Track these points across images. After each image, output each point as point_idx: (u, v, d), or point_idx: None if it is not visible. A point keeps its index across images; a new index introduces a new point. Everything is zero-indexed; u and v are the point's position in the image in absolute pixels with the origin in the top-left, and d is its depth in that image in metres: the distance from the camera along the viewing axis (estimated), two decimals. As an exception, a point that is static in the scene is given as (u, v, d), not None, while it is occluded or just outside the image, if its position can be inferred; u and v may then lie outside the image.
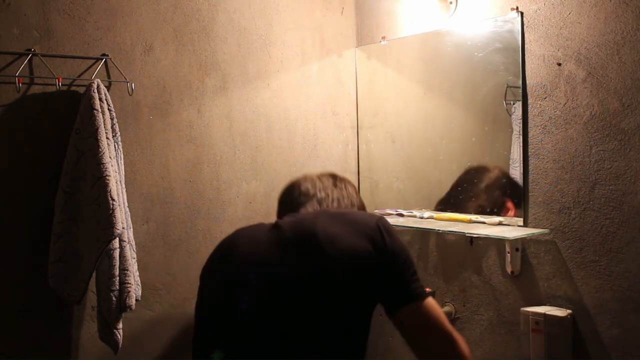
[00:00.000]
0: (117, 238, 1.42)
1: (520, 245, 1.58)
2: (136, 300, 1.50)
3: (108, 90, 1.53)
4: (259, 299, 1.08)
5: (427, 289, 1.63)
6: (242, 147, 1.79)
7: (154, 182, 1.64)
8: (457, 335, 1.09)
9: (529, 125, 1.55)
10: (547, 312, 1.47)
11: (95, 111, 1.41)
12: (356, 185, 2.05)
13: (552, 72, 1.50)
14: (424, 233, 1.84)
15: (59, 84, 1.44)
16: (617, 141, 1.39)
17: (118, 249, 1.44)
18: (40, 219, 1.45)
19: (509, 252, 1.60)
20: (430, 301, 1.11)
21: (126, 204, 1.51)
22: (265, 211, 1.82)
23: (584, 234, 1.46)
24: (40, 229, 1.44)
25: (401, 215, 1.87)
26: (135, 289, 1.49)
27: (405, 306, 1.10)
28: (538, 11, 1.52)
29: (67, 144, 1.43)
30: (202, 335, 1.14)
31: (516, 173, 1.60)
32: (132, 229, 1.53)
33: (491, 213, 1.67)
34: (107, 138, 1.44)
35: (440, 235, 1.79)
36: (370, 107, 2.02)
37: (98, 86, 1.45)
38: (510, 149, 1.63)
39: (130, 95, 1.58)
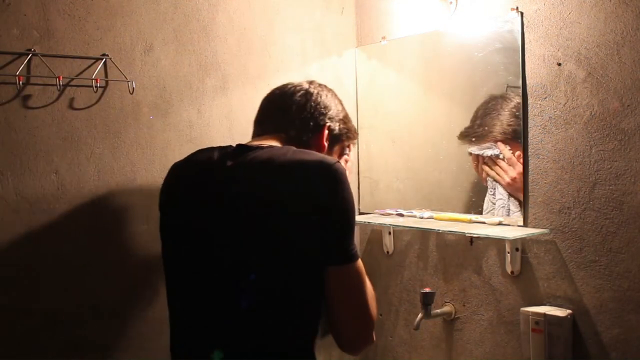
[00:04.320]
0: None
1: (520, 245, 1.58)
2: None
3: (106, 90, 1.54)
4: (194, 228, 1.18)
5: (427, 289, 1.66)
6: (242, 147, 1.79)
7: (154, 182, 1.63)
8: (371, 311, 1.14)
9: (529, 125, 1.55)
10: (547, 312, 1.47)
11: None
12: (355, 186, 2.05)
13: (552, 72, 1.50)
14: (424, 233, 1.84)
15: (59, 83, 1.45)
16: (617, 141, 1.39)
17: None
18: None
19: (508, 252, 1.60)
20: (356, 265, 1.12)
21: None
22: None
23: (584, 234, 1.46)
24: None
25: (401, 215, 1.87)
26: None
27: (331, 265, 1.10)
28: (538, 11, 1.52)
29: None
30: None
31: (516, 173, 1.60)
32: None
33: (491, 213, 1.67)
34: None
35: (440, 235, 1.80)
36: (370, 107, 2.02)
37: None
38: (510, 149, 1.64)
39: (131, 93, 1.58)
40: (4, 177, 1.41)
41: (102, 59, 1.53)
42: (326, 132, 1.31)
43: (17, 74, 1.40)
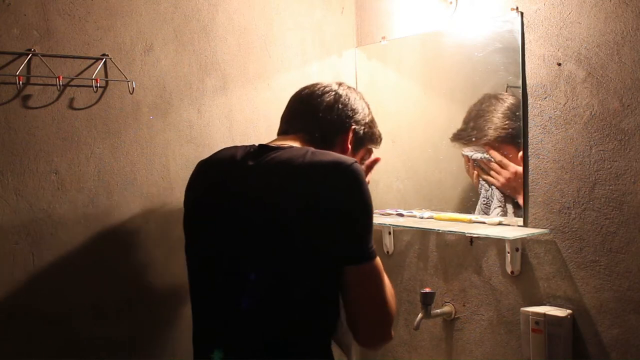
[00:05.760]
0: None
1: (520, 245, 1.58)
2: None
3: (106, 90, 1.54)
4: (217, 226, 1.18)
5: (427, 289, 1.66)
6: (242, 147, 1.79)
7: (154, 182, 1.64)
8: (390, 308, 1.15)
9: (529, 125, 1.55)
10: (547, 312, 1.47)
11: None
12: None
13: (552, 72, 1.50)
14: (424, 233, 1.84)
15: (59, 83, 1.45)
16: (617, 141, 1.39)
17: None
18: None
19: (509, 252, 1.60)
20: (375, 264, 1.13)
21: None
22: (265, 211, 1.82)
23: (584, 234, 1.46)
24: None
25: (401, 215, 1.87)
26: None
27: (348, 265, 1.11)
28: (538, 11, 1.52)
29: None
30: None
31: (516, 173, 1.60)
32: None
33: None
34: None
35: (440, 235, 1.80)
36: (370, 107, 2.01)
37: None
38: (510, 149, 1.64)
39: (131, 93, 1.58)
40: (4, 177, 1.41)
41: (102, 59, 1.53)
42: (351, 134, 1.32)
43: (17, 74, 1.40)
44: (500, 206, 1.63)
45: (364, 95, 2.01)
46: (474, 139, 1.69)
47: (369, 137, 1.38)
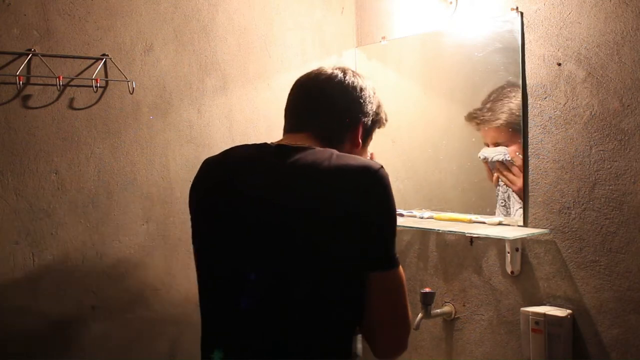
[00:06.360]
0: None
1: (520, 245, 1.58)
2: None
3: (106, 90, 1.54)
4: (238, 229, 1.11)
5: (427, 289, 1.66)
6: (242, 147, 1.79)
7: (154, 182, 1.64)
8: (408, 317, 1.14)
9: (529, 125, 1.55)
10: (547, 312, 1.47)
11: None
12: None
13: (552, 72, 1.50)
14: (424, 233, 1.84)
15: (59, 83, 1.45)
16: (617, 141, 1.39)
17: None
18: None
19: (509, 252, 1.60)
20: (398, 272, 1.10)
21: None
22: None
23: (584, 234, 1.46)
24: (40, 228, 1.44)
25: (401, 215, 1.87)
26: None
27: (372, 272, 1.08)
28: (538, 11, 1.52)
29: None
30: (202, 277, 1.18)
31: (516, 173, 1.60)
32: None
33: (491, 213, 1.67)
34: None
35: (440, 235, 1.80)
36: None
37: None
38: (510, 149, 1.63)
39: (132, 93, 1.58)
40: (4, 177, 1.41)
41: (102, 59, 1.53)
42: (361, 128, 1.25)
43: (17, 74, 1.40)
44: (520, 208, 1.61)
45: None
46: (486, 121, 1.66)
47: (378, 124, 1.32)
